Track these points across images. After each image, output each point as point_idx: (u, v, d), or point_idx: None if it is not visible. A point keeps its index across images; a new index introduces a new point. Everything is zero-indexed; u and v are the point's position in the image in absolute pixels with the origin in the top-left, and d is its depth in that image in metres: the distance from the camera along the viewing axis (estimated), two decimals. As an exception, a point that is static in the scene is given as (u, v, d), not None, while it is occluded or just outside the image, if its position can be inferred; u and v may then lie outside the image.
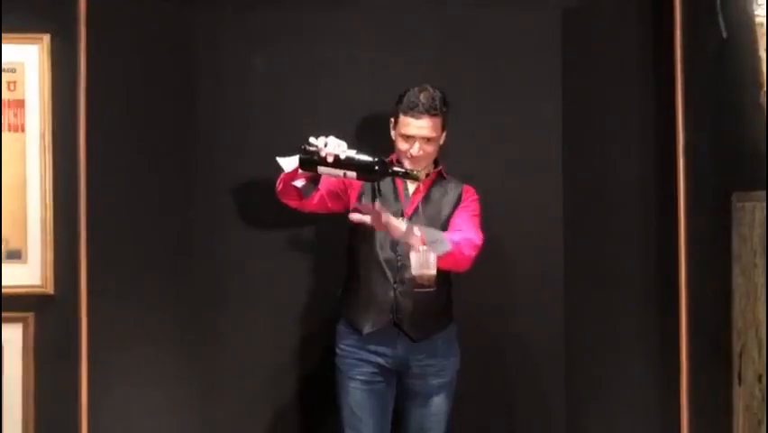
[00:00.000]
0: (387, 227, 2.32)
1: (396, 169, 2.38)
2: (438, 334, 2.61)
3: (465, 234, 2.49)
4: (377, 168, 2.33)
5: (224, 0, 2.94)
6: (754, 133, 2.23)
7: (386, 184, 2.59)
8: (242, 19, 2.93)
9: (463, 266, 2.45)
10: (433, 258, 2.30)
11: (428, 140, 2.51)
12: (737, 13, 2.33)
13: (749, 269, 2.30)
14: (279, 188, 2.54)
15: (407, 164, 2.53)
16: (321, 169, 2.35)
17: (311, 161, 2.35)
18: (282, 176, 2.52)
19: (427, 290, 2.33)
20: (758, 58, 2.19)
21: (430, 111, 2.48)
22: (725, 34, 2.39)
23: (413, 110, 2.48)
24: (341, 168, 2.33)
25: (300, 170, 2.42)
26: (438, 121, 2.52)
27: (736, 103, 2.41)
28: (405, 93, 2.52)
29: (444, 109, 2.53)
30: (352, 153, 2.34)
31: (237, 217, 2.94)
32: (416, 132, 2.49)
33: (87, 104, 2.65)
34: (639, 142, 2.84)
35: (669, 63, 2.67)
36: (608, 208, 2.90)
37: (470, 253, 2.46)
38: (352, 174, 2.34)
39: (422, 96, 2.48)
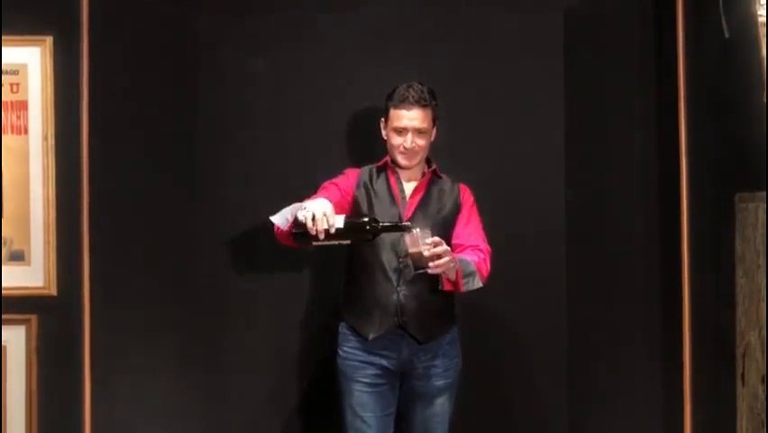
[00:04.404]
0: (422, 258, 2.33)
1: (386, 224, 2.37)
2: (443, 335, 2.60)
3: (482, 251, 2.57)
4: (368, 228, 2.34)
5: (224, 2, 2.94)
6: (757, 134, 2.22)
7: (382, 188, 2.60)
8: (243, 21, 2.93)
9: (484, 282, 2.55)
10: (426, 238, 2.30)
11: (420, 132, 2.54)
12: (740, 13, 2.32)
13: (752, 270, 2.29)
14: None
15: (401, 159, 2.56)
16: (315, 243, 2.31)
17: (303, 238, 2.31)
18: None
19: (424, 270, 2.34)
20: (761, 58, 2.19)
21: (420, 102, 2.53)
22: (727, 34, 2.39)
23: (403, 102, 2.53)
24: (334, 239, 2.31)
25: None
26: (429, 113, 2.55)
27: (738, 103, 2.40)
28: (394, 90, 2.57)
29: (434, 102, 2.57)
30: (340, 223, 2.30)
31: (240, 219, 2.94)
32: (408, 123, 2.53)
33: (90, 106, 2.66)
34: (641, 142, 2.83)
35: (671, 64, 2.66)
36: (611, 209, 2.90)
37: (489, 267, 2.56)
38: (346, 241, 2.36)
39: (411, 90, 2.54)
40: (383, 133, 2.62)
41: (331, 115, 2.93)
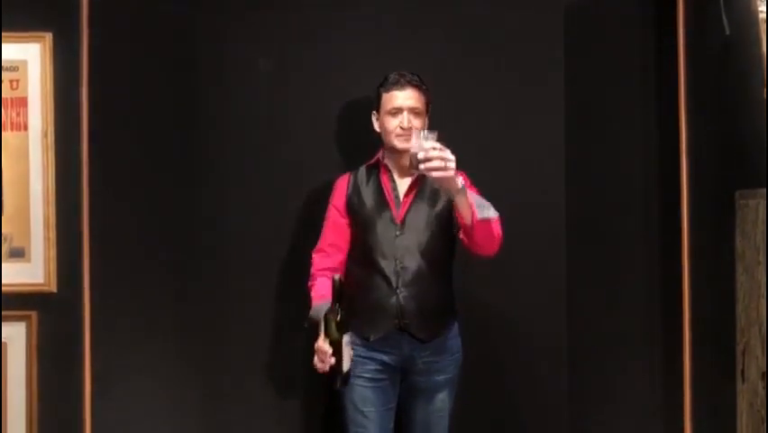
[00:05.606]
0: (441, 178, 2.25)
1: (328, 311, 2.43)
2: (444, 332, 2.60)
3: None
4: (330, 321, 2.40)
5: (224, 2, 2.94)
6: (758, 131, 2.23)
7: (373, 188, 2.59)
8: (243, 21, 2.93)
9: (496, 244, 2.42)
10: (429, 144, 2.25)
11: (416, 113, 2.55)
12: (741, 10, 2.33)
13: (752, 266, 2.30)
14: None
15: (398, 143, 2.53)
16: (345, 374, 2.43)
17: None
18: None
19: (417, 172, 2.29)
20: (761, 54, 2.19)
21: (412, 82, 2.55)
22: (728, 31, 2.39)
23: (396, 84, 2.55)
24: (340, 353, 2.40)
25: None
26: (422, 94, 2.57)
27: (739, 100, 2.41)
28: (385, 78, 2.58)
29: (425, 87, 2.58)
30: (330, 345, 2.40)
31: (240, 217, 2.94)
32: (403, 102, 2.54)
33: (90, 102, 2.66)
34: (642, 139, 2.83)
35: (672, 61, 2.67)
36: (611, 206, 2.90)
37: (500, 232, 2.43)
38: (347, 341, 2.41)
39: (402, 74, 2.55)
40: (375, 125, 2.61)
41: (331, 114, 2.93)
